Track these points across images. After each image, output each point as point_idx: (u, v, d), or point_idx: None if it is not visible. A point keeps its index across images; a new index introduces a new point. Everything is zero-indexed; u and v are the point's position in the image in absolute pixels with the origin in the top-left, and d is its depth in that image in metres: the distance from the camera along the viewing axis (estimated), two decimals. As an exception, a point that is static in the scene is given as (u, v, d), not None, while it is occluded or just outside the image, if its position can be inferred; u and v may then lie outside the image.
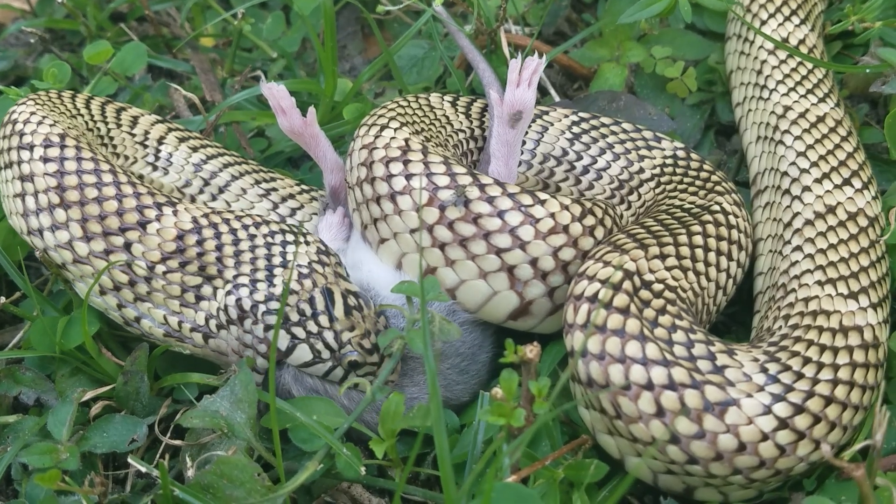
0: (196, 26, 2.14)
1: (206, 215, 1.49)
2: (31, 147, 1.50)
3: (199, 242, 1.46)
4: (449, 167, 1.50)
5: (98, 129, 1.63)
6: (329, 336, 1.47)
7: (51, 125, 1.51)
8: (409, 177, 1.51)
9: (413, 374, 1.56)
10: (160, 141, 1.68)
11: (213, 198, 1.69)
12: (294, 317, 1.46)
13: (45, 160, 1.49)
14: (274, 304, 1.46)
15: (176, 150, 1.69)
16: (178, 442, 1.47)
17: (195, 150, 1.70)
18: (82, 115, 1.62)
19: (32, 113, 1.54)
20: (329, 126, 1.90)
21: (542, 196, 1.50)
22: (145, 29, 2.18)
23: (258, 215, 1.54)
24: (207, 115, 1.88)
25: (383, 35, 2.14)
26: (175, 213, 1.48)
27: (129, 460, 1.41)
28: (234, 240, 1.48)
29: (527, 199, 1.49)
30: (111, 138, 1.64)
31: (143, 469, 1.40)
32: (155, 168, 1.67)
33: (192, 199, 1.69)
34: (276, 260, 1.49)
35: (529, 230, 1.49)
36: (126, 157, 1.65)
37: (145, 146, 1.67)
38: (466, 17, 2.11)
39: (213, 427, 1.40)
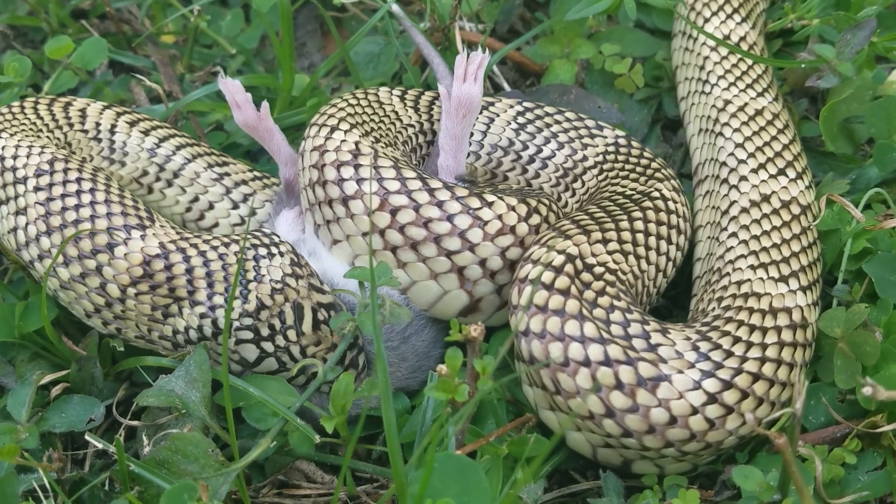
0: (156, 23, 2.19)
1: (174, 241, 1.51)
2: (24, 180, 1.53)
3: (168, 267, 1.49)
4: (399, 171, 1.56)
5: (59, 139, 1.65)
6: (295, 350, 1.52)
7: (39, 154, 1.54)
8: (360, 181, 1.55)
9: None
10: (112, 130, 1.71)
11: (169, 184, 1.73)
12: (265, 331, 1.51)
13: (38, 190, 1.52)
14: (247, 321, 1.50)
15: (129, 137, 1.72)
16: (135, 423, 1.51)
17: (147, 133, 1.73)
18: (42, 130, 1.64)
19: (17, 145, 1.56)
20: (288, 114, 1.95)
21: (490, 198, 1.56)
22: (106, 26, 2.22)
23: (227, 236, 1.57)
24: (169, 106, 1.92)
25: (341, 33, 2.20)
26: (143, 237, 1.50)
27: (87, 437, 1.45)
28: (204, 262, 1.50)
29: (475, 202, 1.55)
30: (69, 144, 1.66)
31: (100, 446, 1.44)
32: (112, 161, 1.71)
33: (150, 190, 1.73)
34: (251, 275, 1.51)
35: (478, 233, 1.54)
36: (83, 159, 1.67)
37: (99, 140, 1.69)
38: (422, 14, 2.17)
39: (168, 405, 1.44)
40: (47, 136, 1.63)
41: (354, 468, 1.53)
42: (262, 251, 1.53)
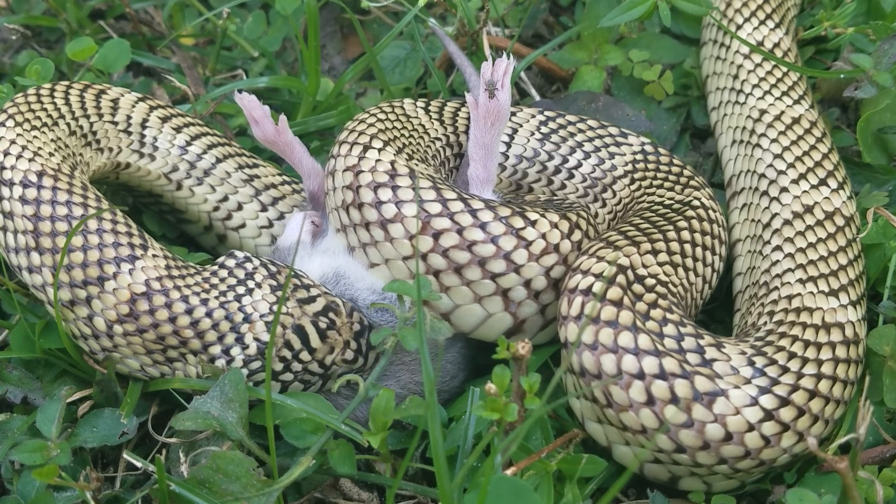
0: (175, 25, 2.14)
1: (160, 278, 1.44)
2: (10, 184, 1.47)
3: (151, 312, 1.43)
4: (439, 192, 1.50)
5: (81, 127, 1.59)
6: (314, 367, 1.48)
7: (30, 160, 1.48)
8: (399, 203, 1.50)
9: (398, 374, 1.58)
10: (143, 125, 1.66)
11: (199, 182, 1.69)
12: (278, 366, 1.46)
13: (24, 202, 1.46)
14: (256, 364, 1.45)
15: (160, 133, 1.67)
16: (171, 440, 1.46)
17: (178, 130, 1.69)
18: (64, 117, 1.58)
19: (12, 142, 1.50)
20: (313, 119, 1.91)
21: (532, 216, 1.51)
22: (123, 27, 2.17)
23: (207, 268, 1.51)
24: (197, 107, 1.88)
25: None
26: (131, 272, 1.43)
27: (125, 455, 1.40)
28: (187, 308, 1.44)
29: (518, 222, 1.49)
30: (94, 133, 1.61)
31: (139, 464, 1.40)
32: (141, 155, 1.66)
33: (179, 186, 1.68)
34: (238, 317, 1.45)
35: (523, 254, 1.49)
36: (111, 150, 1.63)
37: (129, 133, 1.64)
38: (445, 17, 2.13)
39: (205, 428, 1.39)
40: (66, 125, 1.57)
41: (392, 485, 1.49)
42: (240, 289, 1.47)
